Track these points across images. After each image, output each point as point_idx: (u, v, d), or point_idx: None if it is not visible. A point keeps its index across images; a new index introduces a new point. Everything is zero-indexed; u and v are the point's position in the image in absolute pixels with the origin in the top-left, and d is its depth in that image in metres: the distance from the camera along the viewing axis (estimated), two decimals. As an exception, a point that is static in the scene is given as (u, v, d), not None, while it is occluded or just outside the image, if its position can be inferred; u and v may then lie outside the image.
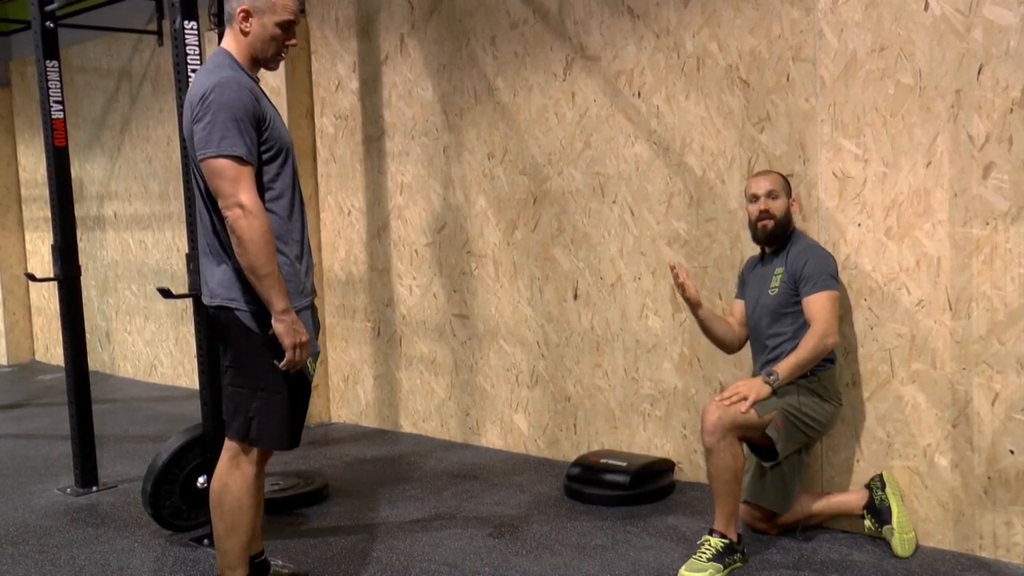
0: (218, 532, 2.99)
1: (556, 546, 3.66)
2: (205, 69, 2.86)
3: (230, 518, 2.95)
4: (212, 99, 2.72)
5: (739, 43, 3.99)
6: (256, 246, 2.71)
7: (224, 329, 2.92)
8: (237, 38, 2.90)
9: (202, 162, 2.75)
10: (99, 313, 7.84)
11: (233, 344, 2.92)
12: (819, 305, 3.40)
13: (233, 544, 2.97)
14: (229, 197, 2.70)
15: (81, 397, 4.62)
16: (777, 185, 3.59)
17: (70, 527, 4.10)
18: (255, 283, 2.76)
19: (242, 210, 2.69)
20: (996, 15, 3.16)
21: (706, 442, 3.31)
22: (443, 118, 5.14)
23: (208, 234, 2.89)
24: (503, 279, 4.96)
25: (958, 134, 3.27)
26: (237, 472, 2.95)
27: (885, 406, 3.52)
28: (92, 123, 7.65)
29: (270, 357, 2.84)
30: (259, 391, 2.89)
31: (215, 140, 2.71)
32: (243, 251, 2.72)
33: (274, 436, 2.93)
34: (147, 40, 6.85)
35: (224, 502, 2.95)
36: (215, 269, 2.88)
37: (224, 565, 3.00)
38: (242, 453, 2.95)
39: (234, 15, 2.88)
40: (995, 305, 3.24)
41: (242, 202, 2.69)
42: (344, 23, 5.57)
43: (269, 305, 2.77)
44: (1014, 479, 3.25)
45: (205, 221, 2.90)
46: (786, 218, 3.59)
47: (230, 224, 2.71)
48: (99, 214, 7.72)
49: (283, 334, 2.78)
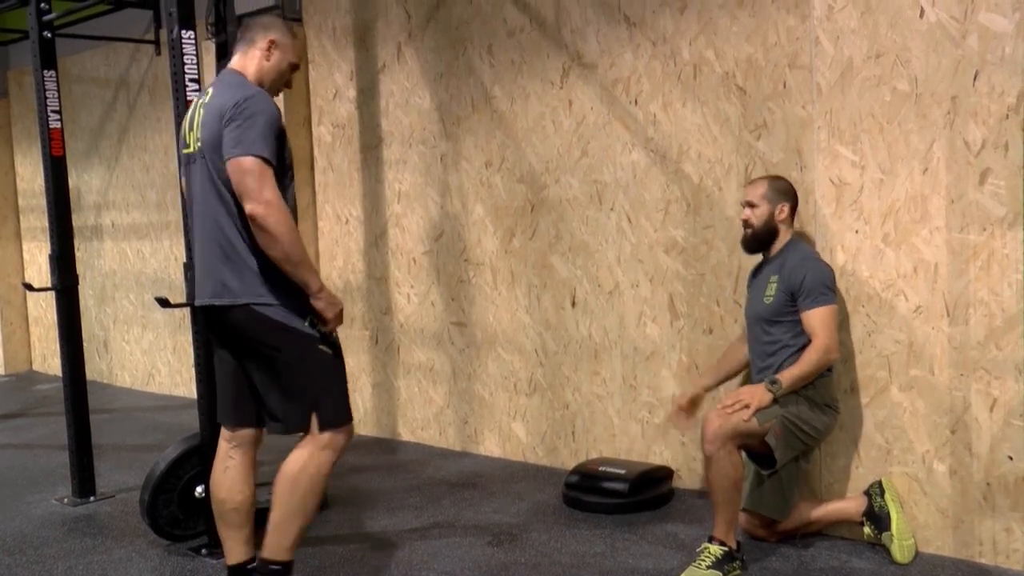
0: (282, 514, 3.01)
1: (555, 554, 3.65)
2: (228, 84, 3.02)
3: (300, 501, 3.00)
4: (248, 105, 2.88)
5: (735, 51, 4.00)
6: (287, 236, 2.84)
7: (255, 329, 2.98)
8: (257, 63, 3.10)
9: (230, 160, 2.86)
10: (97, 323, 7.84)
11: (273, 343, 2.98)
12: (820, 320, 3.40)
13: (293, 527, 3.02)
14: (256, 193, 2.81)
15: (79, 407, 4.61)
16: (757, 194, 3.59)
17: (67, 537, 4.09)
18: (290, 271, 2.89)
19: (270, 205, 2.81)
20: (991, 22, 3.17)
21: (707, 450, 3.31)
22: (440, 126, 5.15)
23: (229, 237, 2.96)
24: (501, 287, 4.96)
25: (954, 140, 3.27)
26: (319, 457, 3.02)
27: (883, 413, 3.52)
28: (90, 133, 7.66)
29: (315, 344, 2.98)
30: (316, 379, 3.01)
31: (247, 141, 2.84)
32: (274, 243, 2.84)
33: (340, 413, 3.05)
34: (145, 50, 6.85)
35: (300, 483, 3.00)
36: (241, 270, 2.95)
37: (279, 547, 3.03)
38: (320, 441, 3.01)
39: (256, 41, 3.10)
40: (993, 311, 3.24)
41: (268, 198, 2.81)
42: (341, 32, 5.58)
43: (307, 288, 2.94)
44: (1013, 485, 3.25)
45: (225, 225, 2.96)
46: (767, 227, 3.59)
47: (259, 219, 2.81)
48: (97, 223, 7.72)
49: (325, 309, 2.97)
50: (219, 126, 2.90)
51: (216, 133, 2.91)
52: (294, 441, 3.06)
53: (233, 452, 3.19)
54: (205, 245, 3.03)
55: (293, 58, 3.18)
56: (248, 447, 3.20)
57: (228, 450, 3.20)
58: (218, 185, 2.95)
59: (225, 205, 2.95)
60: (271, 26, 3.14)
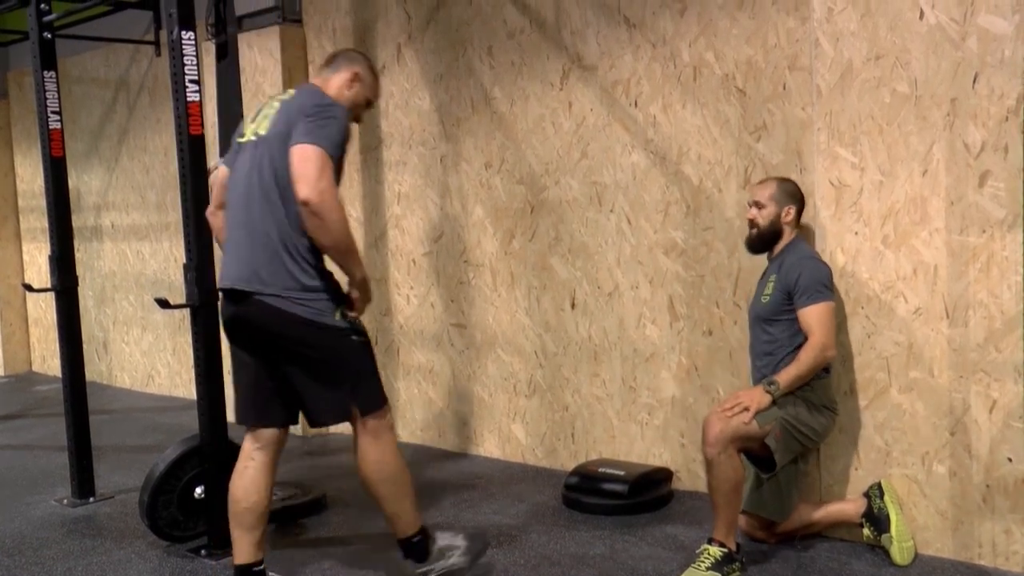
0: (391, 505, 3.20)
1: (554, 555, 3.65)
2: (313, 91, 3.16)
3: (395, 485, 3.19)
4: (330, 110, 3.04)
5: (735, 52, 4.00)
6: (340, 224, 2.97)
7: (283, 325, 3.04)
8: (338, 90, 3.23)
9: (297, 146, 2.93)
10: (96, 323, 7.84)
11: (304, 339, 3.06)
12: (816, 317, 3.40)
13: (407, 506, 3.23)
14: (314, 180, 2.88)
15: (78, 408, 4.61)
16: (766, 195, 3.60)
17: (67, 538, 4.09)
18: (338, 259, 3.05)
19: (324, 192, 2.89)
20: (991, 24, 3.17)
21: (708, 454, 3.30)
22: (440, 128, 5.15)
23: (267, 229, 3.02)
24: (501, 288, 4.96)
25: (954, 142, 3.27)
26: (381, 442, 3.18)
27: (883, 414, 3.52)
28: (90, 134, 7.66)
29: (348, 335, 3.10)
30: (353, 368, 3.14)
31: (318, 135, 2.95)
32: (327, 229, 2.94)
33: (378, 396, 3.21)
34: (145, 51, 6.85)
35: (386, 472, 3.18)
36: (273, 262, 3.01)
37: (406, 526, 3.23)
38: (373, 427, 3.16)
39: (341, 70, 3.27)
40: (992, 313, 3.24)
41: (324, 186, 2.90)
42: (341, 33, 5.58)
43: (351, 276, 3.11)
44: (1012, 487, 3.25)
45: (266, 216, 3.02)
46: (772, 228, 3.60)
47: (313, 205, 2.88)
48: (96, 224, 7.72)
49: (362, 298, 3.17)
50: (295, 119, 3.00)
51: (288, 127, 3.00)
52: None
53: (256, 453, 3.24)
54: (240, 231, 3.09)
55: (371, 95, 3.35)
56: (271, 448, 3.25)
57: (251, 451, 3.24)
58: (267, 175, 3.02)
59: (270, 196, 3.02)
60: (356, 60, 3.31)
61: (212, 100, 4.84)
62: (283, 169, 2.98)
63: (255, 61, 5.77)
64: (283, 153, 2.98)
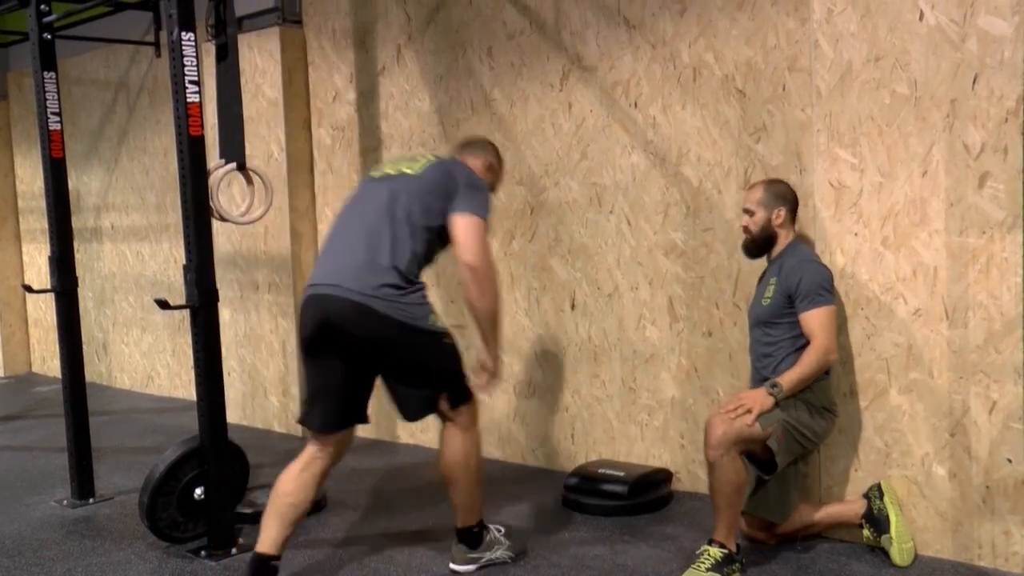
0: (464, 494, 3.45)
1: (554, 556, 3.65)
2: (466, 168, 3.47)
3: (472, 476, 3.43)
4: (481, 184, 3.41)
5: (735, 53, 4.00)
6: (495, 294, 3.31)
7: (383, 328, 3.20)
8: (480, 173, 3.53)
9: (463, 214, 3.27)
10: (96, 325, 7.84)
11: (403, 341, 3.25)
12: (818, 321, 3.40)
13: (475, 497, 3.48)
14: (478, 249, 3.24)
15: (78, 409, 4.61)
16: (754, 200, 3.61)
17: (66, 539, 4.09)
18: (487, 324, 3.33)
19: (486, 261, 3.26)
20: (990, 25, 3.17)
21: (710, 456, 3.30)
22: (440, 129, 5.15)
23: (380, 257, 3.21)
24: (500, 289, 4.95)
25: (954, 144, 3.27)
26: (469, 435, 3.42)
27: (883, 416, 3.52)
28: (89, 135, 7.66)
29: (442, 337, 3.32)
30: (445, 367, 3.36)
31: (478, 206, 3.30)
32: (483, 296, 3.26)
33: (467, 391, 3.42)
34: (144, 52, 6.85)
35: (468, 463, 3.42)
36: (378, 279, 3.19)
37: (469, 515, 3.49)
38: (463, 420, 3.40)
39: (479, 156, 3.61)
40: (992, 314, 3.24)
41: (486, 256, 3.27)
42: (341, 34, 5.58)
43: (489, 345, 3.36)
44: (1012, 488, 3.25)
45: (384, 245, 3.23)
46: (764, 232, 3.60)
47: (479, 272, 3.23)
48: (96, 225, 7.72)
49: (493, 373, 3.41)
50: (447, 183, 3.32)
51: (440, 185, 3.32)
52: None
53: (321, 454, 3.37)
54: (356, 245, 3.27)
55: (498, 183, 3.75)
56: (338, 450, 3.44)
57: (316, 452, 3.37)
58: (402, 209, 3.27)
59: (399, 227, 3.26)
60: (489, 151, 3.66)
61: (212, 101, 4.84)
62: (421, 212, 3.28)
63: (255, 62, 5.78)
64: (429, 200, 3.29)
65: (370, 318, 3.17)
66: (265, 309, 5.94)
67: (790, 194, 3.62)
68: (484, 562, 3.53)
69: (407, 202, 3.30)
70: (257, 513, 4.13)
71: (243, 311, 6.08)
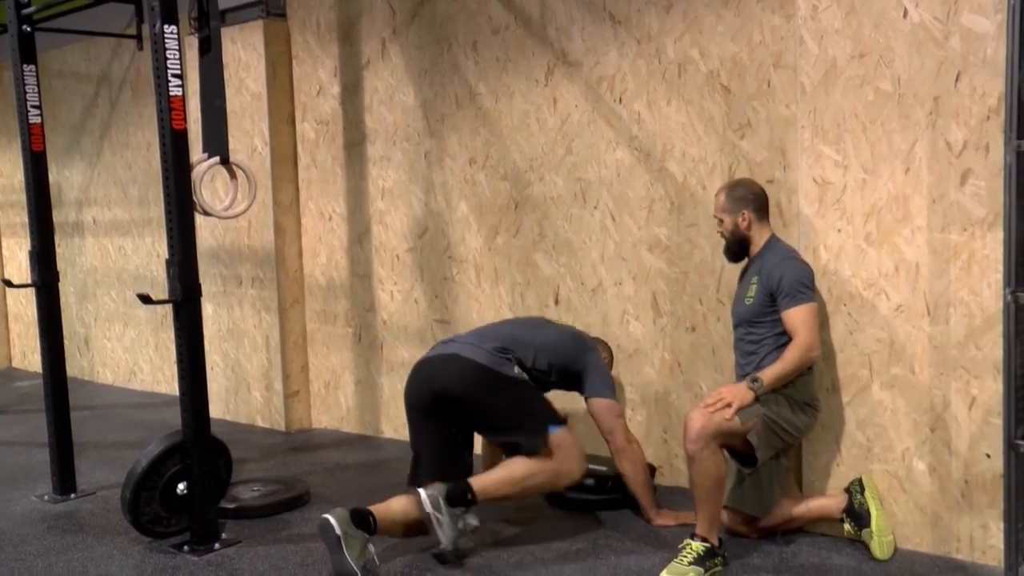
0: (495, 485, 3.56)
1: (537, 551, 3.66)
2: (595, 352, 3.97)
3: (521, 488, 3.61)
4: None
5: (720, 50, 4.01)
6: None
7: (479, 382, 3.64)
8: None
9: (601, 400, 3.87)
10: (78, 319, 7.79)
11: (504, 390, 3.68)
12: (800, 318, 3.42)
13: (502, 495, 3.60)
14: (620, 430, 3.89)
15: (59, 404, 4.58)
16: (719, 207, 3.64)
17: (47, 534, 4.07)
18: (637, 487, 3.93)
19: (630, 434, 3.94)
20: (973, 23, 3.19)
21: (689, 450, 3.31)
22: (424, 123, 5.14)
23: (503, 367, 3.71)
24: (484, 284, 4.96)
25: (936, 141, 3.29)
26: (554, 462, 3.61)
27: (864, 411, 3.55)
28: (71, 128, 7.61)
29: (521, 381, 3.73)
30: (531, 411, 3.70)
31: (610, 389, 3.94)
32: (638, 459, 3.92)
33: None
34: (127, 45, 6.79)
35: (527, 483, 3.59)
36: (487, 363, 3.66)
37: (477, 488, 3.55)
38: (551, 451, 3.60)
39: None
40: (972, 311, 3.26)
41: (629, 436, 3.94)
42: (325, 28, 5.56)
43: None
44: (990, 483, 3.28)
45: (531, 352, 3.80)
46: (735, 235, 3.63)
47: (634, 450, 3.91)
48: (78, 220, 7.67)
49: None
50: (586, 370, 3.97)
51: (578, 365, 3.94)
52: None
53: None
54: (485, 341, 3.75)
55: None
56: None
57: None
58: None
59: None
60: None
61: (195, 95, 4.81)
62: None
63: (238, 56, 5.75)
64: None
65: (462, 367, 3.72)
66: (248, 304, 5.92)
67: (751, 194, 3.62)
68: (430, 512, 3.45)
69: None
70: (240, 508, 4.14)
71: (226, 306, 6.05)
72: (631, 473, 3.87)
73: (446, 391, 3.64)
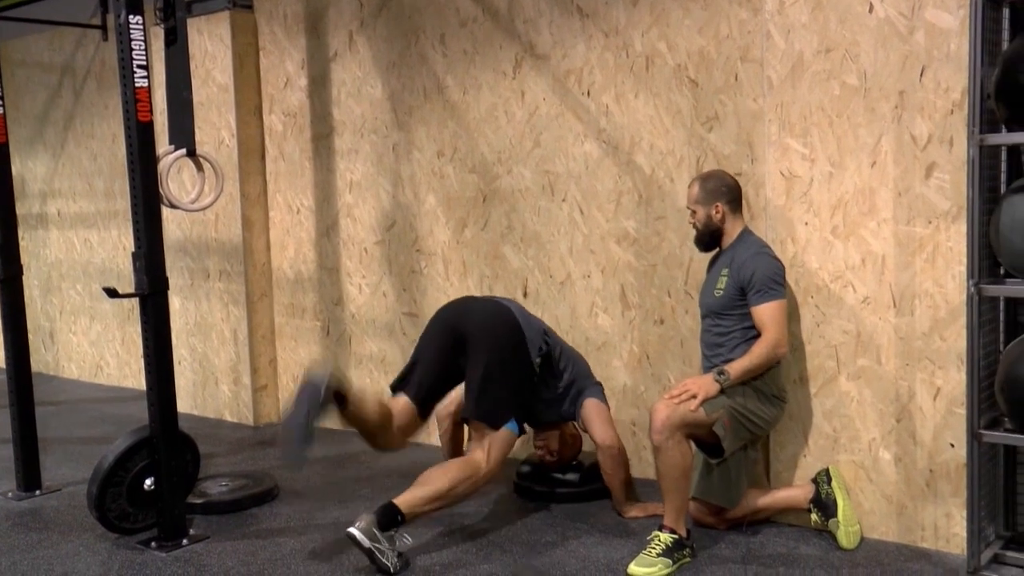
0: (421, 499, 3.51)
1: (506, 544, 3.66)
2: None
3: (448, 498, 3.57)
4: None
5: (688, 43, 4.03)
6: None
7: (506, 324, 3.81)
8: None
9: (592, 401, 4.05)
10: (42, 313, 7.70)
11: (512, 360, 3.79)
12: (769, 315, 3.44)
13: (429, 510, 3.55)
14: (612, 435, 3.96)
15: (23, 399, 4.53)
16: (691, 199, 3.65)
17: (11, 532, 4.02)
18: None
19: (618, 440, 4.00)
20: (937, 18, 3.22)
21: (654, 440, 3.33)
22: (392, 116, 5.12)
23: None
24: (453, 277, 4.95)
25: (902, 135, 3.33)
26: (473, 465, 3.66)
27: (831, 402, 3.58)
28: (34, 119, 7.50)
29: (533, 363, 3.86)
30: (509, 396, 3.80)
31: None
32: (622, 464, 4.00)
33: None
34: (91, 35, 6.71)
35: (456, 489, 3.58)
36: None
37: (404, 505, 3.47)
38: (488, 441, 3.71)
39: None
40: (937, 302, 3.30)
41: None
42: (292, 19, 5.52)
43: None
44: (954, 472, 3.32)
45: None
46: (708, 227, 3.64)
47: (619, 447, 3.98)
48: (42, 212, 7.58)
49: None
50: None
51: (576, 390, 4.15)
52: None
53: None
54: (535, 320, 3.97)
55: None
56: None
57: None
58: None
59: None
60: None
61: (161, 86, 4.76)
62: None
63: (204, 47, 5.69)
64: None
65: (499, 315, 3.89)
66: (216, 297, 5.87)
67: (725, 186, 3.62)
68: (369, 546, 3.34)
69: None
70: (208, 503, 4.11)
71: (193, 299, 6.00)
72: (611, 469, 3.93)
73: (480, 328, 3.76)
